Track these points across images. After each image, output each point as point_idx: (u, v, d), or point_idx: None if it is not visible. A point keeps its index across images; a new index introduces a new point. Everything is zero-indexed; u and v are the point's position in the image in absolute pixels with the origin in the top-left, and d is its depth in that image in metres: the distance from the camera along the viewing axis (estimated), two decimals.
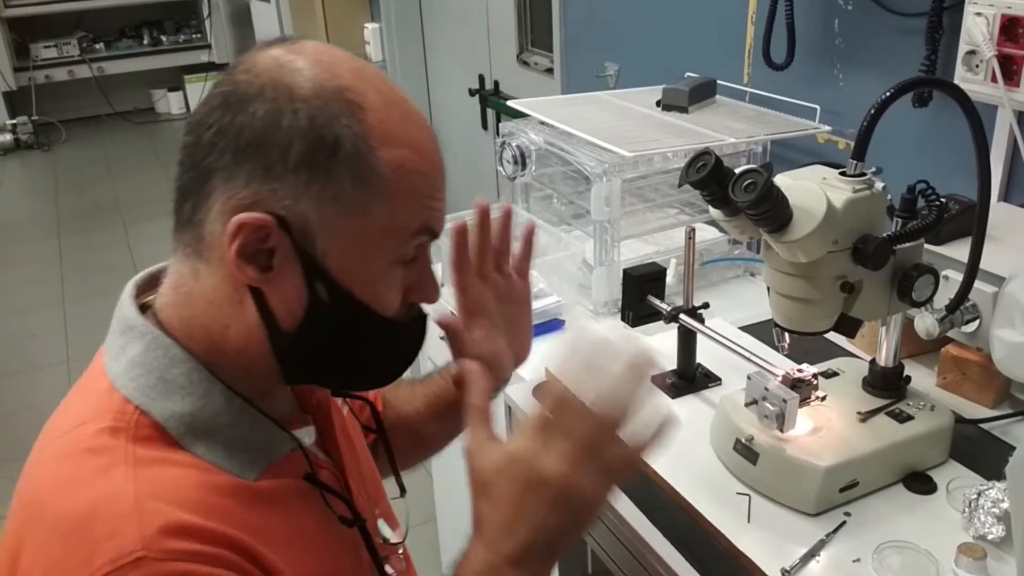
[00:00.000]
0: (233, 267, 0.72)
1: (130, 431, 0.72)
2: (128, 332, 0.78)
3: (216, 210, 0.73)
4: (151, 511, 0.67)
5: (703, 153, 1.04)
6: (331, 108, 0.71)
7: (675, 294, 1.41)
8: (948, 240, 1.29)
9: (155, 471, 0.70)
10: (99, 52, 6.74)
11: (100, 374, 0.77)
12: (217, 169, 0.72)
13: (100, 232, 4.89)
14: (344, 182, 0.71)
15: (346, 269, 0.74)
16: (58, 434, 0.75)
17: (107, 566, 0.64)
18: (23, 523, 0.71)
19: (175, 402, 0.74)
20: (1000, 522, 0.99)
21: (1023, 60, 1.36)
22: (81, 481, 0.70)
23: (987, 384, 1.27)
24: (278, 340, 0.76)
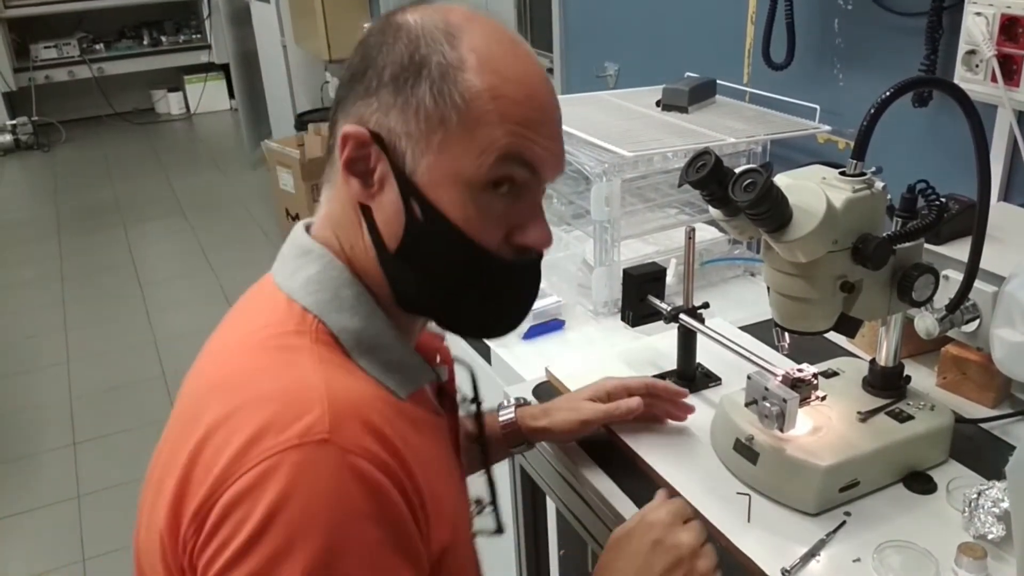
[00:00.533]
0: (343, 181, 0.82)
1: (312, 334, 0.80)
2: (306, 255, 0.85)
3: (339, 132, 0.82)
4: (339, 401, 0.74)
5: (703, 153, 1.04)
6: (428, 37, 0.80)
7: (675, 294, 1.41)
8: (948, 240, 1.28)
9: (337, 372, 0.78)
10: (99, 53, 6.76)
11: (274, 291, 0.85)
12: (345, 96, 0.83)
13: (100, 233, 4.89)
14: (425, 98, 0.79)
15: (434, 185, 0.80)
16: (243, 334, 0.83)
17: (295, 439, 0.70)
18: (210, 403, 0.77)
19: (346, 318, 0.82)
20: (1000, 522, 0.99)
21: (1023, 60, 1.36)
22: (276, 368, 0.77)
23: (987, 384, 1.27)
24: (386, 261, 0.83)
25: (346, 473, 0.71)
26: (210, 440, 0.74)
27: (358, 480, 0.71)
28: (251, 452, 0.70)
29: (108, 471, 2.90)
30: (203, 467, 0.73)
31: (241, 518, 0.69)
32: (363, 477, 0.71)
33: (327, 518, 0.70)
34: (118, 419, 3.19)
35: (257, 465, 0.70)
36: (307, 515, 0.69)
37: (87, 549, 2.56)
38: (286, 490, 0.69)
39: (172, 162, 6.06)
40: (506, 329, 0.93)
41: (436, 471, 0.83)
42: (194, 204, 5.24)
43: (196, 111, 7.13)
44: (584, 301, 1.74)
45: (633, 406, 1.19)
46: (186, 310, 4.01)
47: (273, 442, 0.70)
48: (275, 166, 4.33)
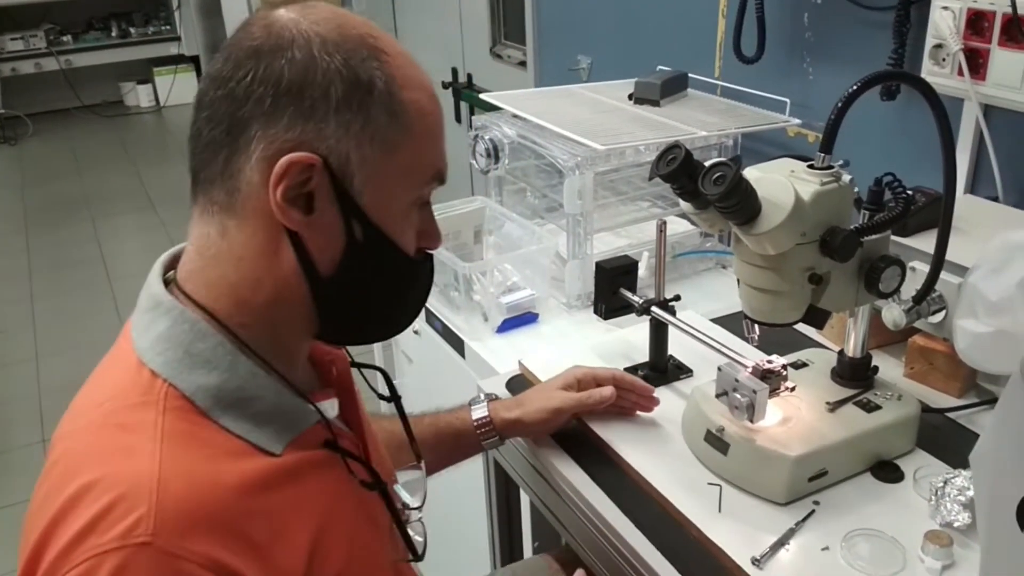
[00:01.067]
0: (277, 210, 0.75)
1: (160, 404, 0.74)
2: (155, 309, 0.79)
3: (256, 157, 0.75)
4: (171, 496, 0.68)
5: (673, 147, 1.04)
6: (360, 52, 0.76)
7: (647, 287, 1.42)
8: (915, 232, 1.30)
9: (181, 454, 0.72)
10: (67, 44, 6.65)
11: (129, 350, 0.79)
12: (256, 116, 0.74)
13: (68, 227, 4.83)
14: (380, 119, 0.76)
15: (377, 207, 0.78)
16: (90, 407, 0.78)
17: (116, 541, 0.66)
18: (51, 490, 0.73)
19: (201, 375, 0.76)
20: (966, 510, 1.01)
21: (988, 54, 1.37)
22: (110, 455, 0.72)
23: (953, 374, 1.29)
24: (316, 286, 0.79)
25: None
26: (48, 531, 0.70)
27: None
28: (76, 551, 0.67)
29: None
30: (40, 560, 0.70)
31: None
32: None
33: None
34: None
35: (80, 564, 0.66)
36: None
37: None
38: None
39: (142, 155, 5.99)
40: (408, 324, 0.94)
41: (326, 514, 0.81)
42: (164, 198, 5.18)
43: (166, 103, 7.05)
44: (557, 294, 1.75)
45: (606, 395, 1.21)
46: None
47: (96, 542, 0.66)
48: None
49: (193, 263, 0.81)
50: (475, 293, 1.68)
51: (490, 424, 1.20)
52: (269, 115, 0.74)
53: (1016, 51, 1.34)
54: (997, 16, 1.35)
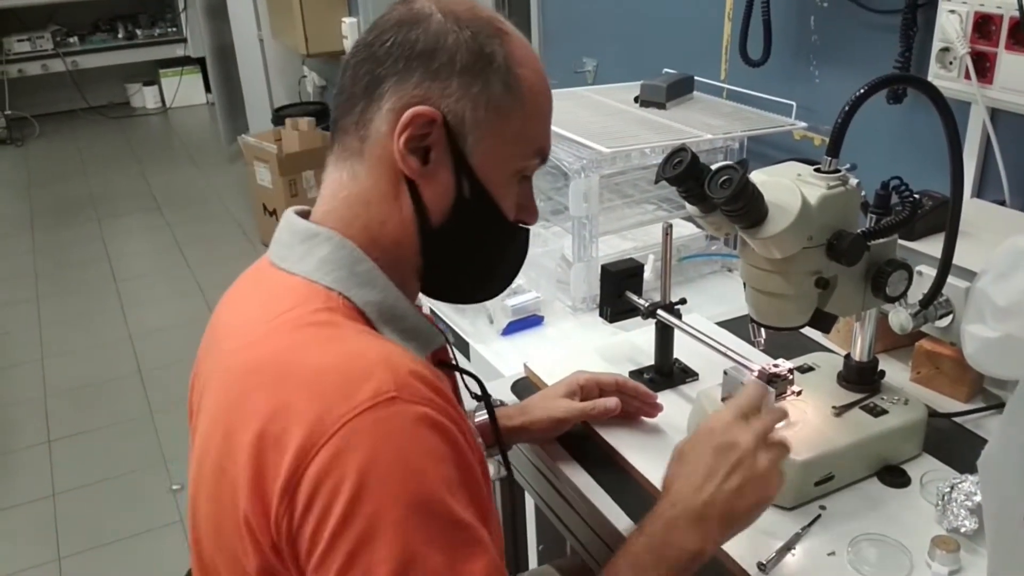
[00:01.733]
0: (399, 157, 0.85)
1: (341, 310, 0.83)
2: (312, 238, 0.88)
3: (386, 109, 0.85)
4: (396, 361, 0.77)
5: (679, 150, 1.04)
6: (487, 30, 0.87)
7: (653, 290, 1.42)
8: (921, 236, 1.30)
9: (378, 338, 0.83)
10: (73, 46, 6.66)
11: (283, 276, 0.87)
12: (391, 74, 0.85)
13: (74, 228, 4.84)
14: (496, 88, 0.86)
15: (485, 169, 0.87)
16: (267, 318, 0.83)
17: (367, 402, 0.73)
18: (256, 387, 0.78)
19: (367, 291, 0.86)
20: (973, 515, 1.00)
21: (996, 57, 1.37)
22: (320, 342, 0.80)
23: (960, 378, 1.28)
24: (427, 233, 0.88)
25: (421, 423, 0.74)
26: (275, 419, 0.75)
27: (431, 428, 0.75)
28: (326, 421, 0.73)
29: (83, 469, 2.87)
30: (277, 446, 0.74)
31: (334, 485, 0.71)
32: (435, 425, 0.75)
33: (415, 464, 0.73)
34: (93, 416, 3.16)
35: (337, 432, 0.72)
36: (397, 465, 0.72)
37: (62, 548, 2.53)
38: (372, 448, 0.72)
39: (147, 157, 6.00)
40: (502, 290, 1.03)
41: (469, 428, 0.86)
42: (170, 199, 5.19)
43: (172, 105, 7.07)
44: (562, 297, 1.74)
45: (611, 406, 1.21)
46: (162, 306, 3.98)
47: (346, 408, 0.73)
48: (252, 161, 4.30)
49: (327, 204, 0.90)
50: None
51: (499, 404, 1.22)
52: (402, 74, 0.85)
53: (1023, 55, 1.33)
54: (1004, 19, 1.34)
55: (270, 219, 4.32)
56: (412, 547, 0.72)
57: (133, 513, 2.64)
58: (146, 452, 2.93)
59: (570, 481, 1.19)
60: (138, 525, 2.59)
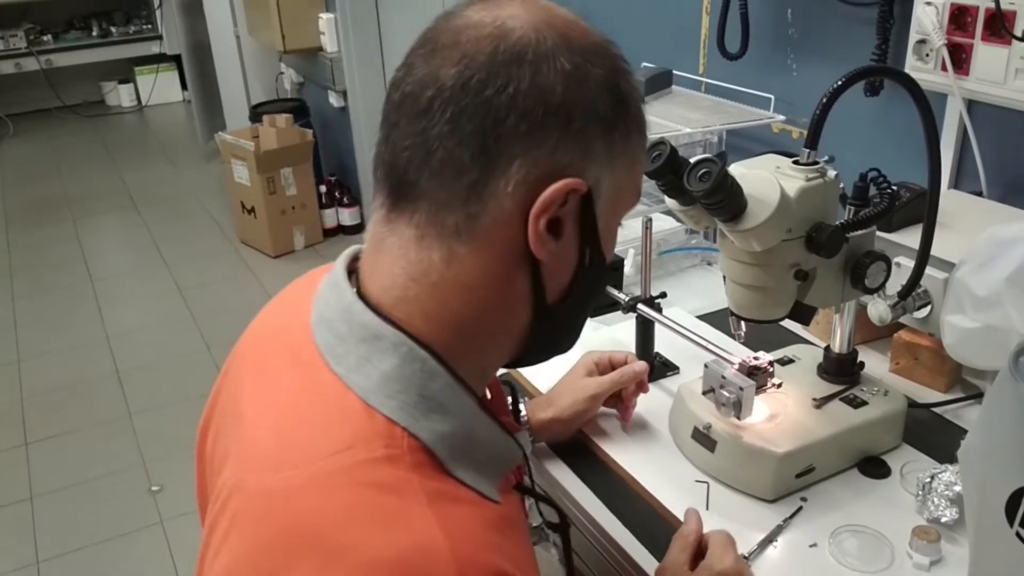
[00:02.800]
0: (533, 238, 0.65)
1: (407, 459, 0.64)
2: (375, 341, 0.67)
3: (515, 181, 0.64)
4: (470, 560, 0.60)
5: (658, 143, 1.04)
6: (609, 61, 0.68)
7: (633, 284, 1.41)
8: (899, 227, 1.30)
9: (449, 509, 0.63)
10: (47, 44, 6.59)
11: (337, 388, 0.67)
12: (519, 136, 0.63)
13: (49, 228, 4.78)
14: (636, 140, 0.69)
15: (606, 230, 0.71)
16: (313, 451, 0.64)
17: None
18: (290, 557, 0.61)
19: (437, 421, 0.66)
20: (953, 505, 1.01)
21: (972, 49, 1.38)
22: (379, 521, 0.61)
23: (939, 369, 1.29)
24: (540, 314, 0.70)
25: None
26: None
27: None
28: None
29: (61, 471, 2.84)
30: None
31: None
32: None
33: None
34: (71, 418, 3.12)
35: None
36: None
37: (41, 551, 2.50)
38: None
39: (123, 155, 5.94)
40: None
41: (533, 564, 0.73)
42: (146, 198, 5.14)
43: (147, 103, 7.00)
44: None
45: (638, 369, 1.20)
46: (139, 305, 3.94)
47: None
48: (229, 158, 4.27)
49: (406, 290, 0.68)
50: None
51: (527, 426, 1.17)
52: (533, 135, 0.64)
53: (999, 46, 1.34)
54: (980, 11, 1.35)
55: (248, 217, 4.29)
56: None
57: (112, 515, 2.62)
58: (125, 453, 2.90)
59: (550, 475, 1.18)
60: (117, 527, 2.56)
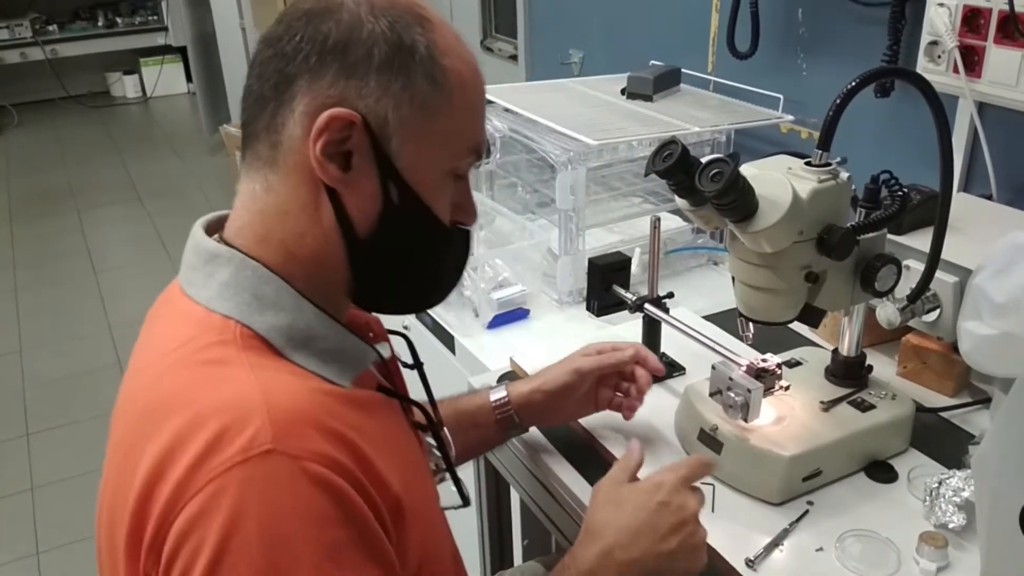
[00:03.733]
0: (316, 165, 0.77)
1: (238, 343, 0.76)
2: (213, 260, 0.80)
3: (299, 111, 0.77)
4: (279, 407, 0.70)
5: (670, 142, 1.03)
6: (406, 18, 0.78)
7: (640, 283, 1.40)
8: (909, 230, 1.29)
9: (273, 376, 0.74)
10: (52, 34, 6.58)
11: (187, 303, 0.80)
12: (302, 72, 0.77)
13: (53, 219, 4.78)
14: (421, 83, 0.78)
15: (414, 171, 0.80)
16: (164, 352, 0.78)
17: (238, 456, 0.67)
18: (146, 430, 0.73)
19: (271, 316, 0.78)
20: (961, 511, 1.00)
21: (984, 51, 1.37)
22: (207, 383, 0.73)
23: (947, 373, 1.28)
24: (353, 245, 0.80)
25: (298, 480, 0.68)
26: (156, 469, 0.70)
27: (313, 484, 0.69)
28: (196, 475, 0.67)
29: (62, 462, 2.84)
30: (149, 501, 0.70)
31: (196, 546, 0.66)
32: (317, 480, 0.69)
33: (285, 529, 0.67)
34: (72, 409, 3.12)
35: (204, 488, 0.67)
36: (264, 530, 0.66)
37: (41, 542, 2.50)
38: (237, 509, 0.66)
39: (128, 146, 5.94)
40: (444, 297, 0.94)
41: (394, 451, 0.81)
42: (150, 189, 5.14)
43: (152, 94, 7.00)
44: (549, 290, 1.73)
45: (627, 355, 1.16)
46: (142, 297, 3.89)
47: (217, 461, 0.67)
48: (233, 151, 4.26)
49: (241, 219, 0.82)
50: (466, 289, 1.66)
51: (507, 401, 1.16)
52: (314, 71, 0.76)
53: (1012, 49, 1.33)
54: (993, 13, 1.34)
55: None
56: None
57: None
58: None
59: (555, 474, 1.18)
60: None
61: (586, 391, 1.17)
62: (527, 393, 1.16)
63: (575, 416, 1.21)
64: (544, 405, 1.17)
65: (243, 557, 0.66)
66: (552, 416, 1.20)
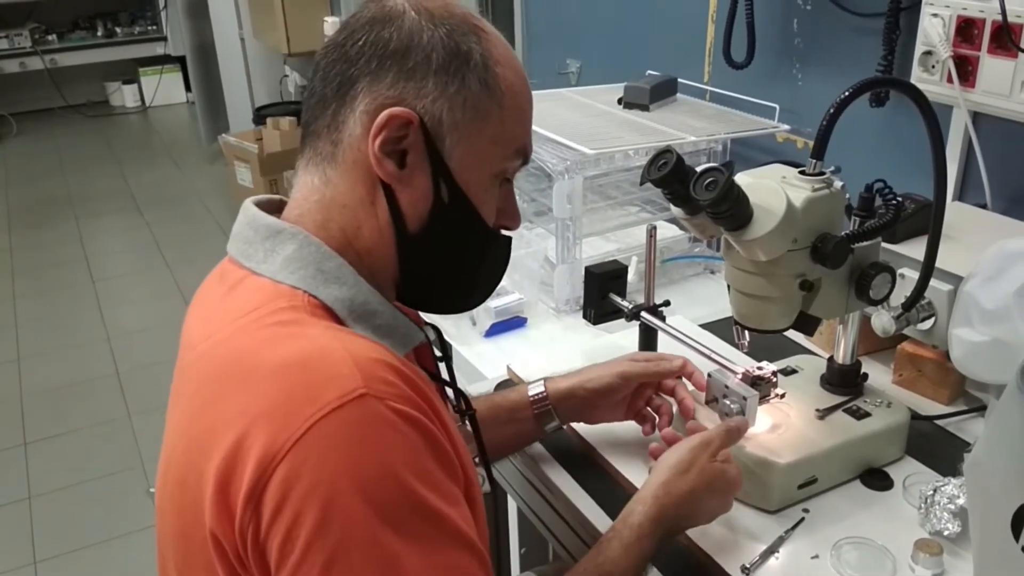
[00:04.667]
0: (374, 161, 0.82)
1: (306, 308, 0.80)
2: (276, 236, 0.85)
3: (360, 111, 0.82)
4: (362, 357, 0.74)
5: (664, 151, 1.04)
6: (463, 27, 0.84)
7: (636, 292, 1.41)
8: (904, 239, 1.30)
9: (343, 334, 0.79)
10: (52, 44, 6.59)
11: (247, 276, 0.84)
12: (363, 74, 0.82)
13: (52, 227, 4.79)
14: (474, 87, 0.83)
15: (464, 172, 0.85)
16: (232, 319, 0.81)
17: (334, 402, 0.71)
18: (226, 387, 0.76)
19: (335, 288, 0.82)
20: (956, 518, 1.00)
21: (978, 61, 1.38)
22: (285, 339, 0.76)
23: (942, 381, 1.29)
24: (404, 240, 0.85)
25: (392, 419, 0.72)
26: (236, 425, 0.72)
27: (405, 422, 0.73)
28: (292, 424, 0.70)
29: (60, 472, 2.83)
30: (239, 453, 0.71)
31: (305, 492, 0.69)
32: (408, 418, 0.73)
33: (389, 466, 0.71)
34: (70, 418, 3.12)
35: (304, 435, 0.70)
36: (370, 470, 0.70)
37: (38, 551, 2.50)
38: (342, 453, 0.70)
39: (127, 156, 5.94)
40: (483, 300, 1.00)
41: (448, 421, 0.84)
42: (149, 199, 5.15)
43: (151, 104, 7.01)
44: (546, 299, 1.74)
45: (676, 365, 1.17)
46: (140, 307, 3.94)
47: (313, 409, 0.70)
48: (232, 160, 4.27)
49: (300, 208, 0.87)
50: None
51: (545, 396, 1.17)
52: (375, 74, 0.82)
53: (1005, 59, 1.34)
54: (987, 24, 1.35)
55: None
56: (391, 549, 0.70)
57: (110, 516, 2.61)
58: (124, 454, 2.90)
59: (552, 483, 1.18)
60: (115, 529, 2.56)
61: (624, 396, 1.18)
62: (567, 389, 1.17)
63: (607, 419, 1.20)
64: (584, 401, 1.17)
65: (356, 494, 0.69)
66: (589, 414, 1.20)
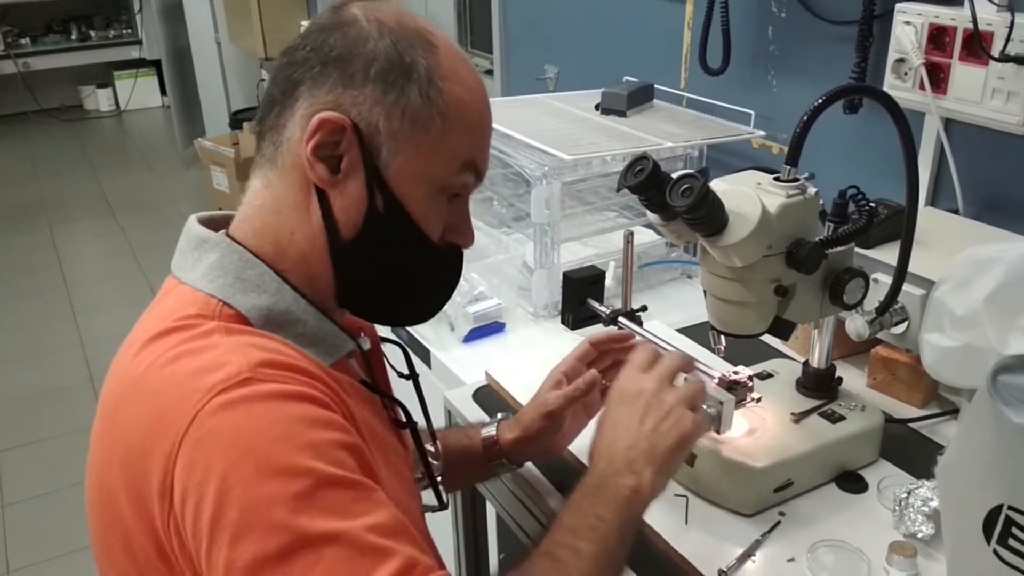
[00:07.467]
0: (307, 164, 0.82)
1: (216, 316, 0.81)
2: (201, 245, 0.86)
3: (299, 114, 0.82)
4: (252, 352, 0.76)
5: (641, 158, 1.04)
6: (411, 39, 0.83)
7: (614, 297, 1.42)
8: (877, 244, 1.31)
9: (245, 339, 0.79)
10: (25, 47, 6.54)
11: (175, 285, 0.86)
12: (306, 79, 0.82)
13: (25, 233, 4.74)
14: (414, 98, 0.82)
15: (402, 182, 0.84)
16: (148, 329, 0.82)
17: (218, 386, 0.72)
18: (129, 398, 0.79)
19: (252, 297, 0.83)
20: (930, 520, 1.01)
21: (950, 68, 1.40)
22: (192, 352, 0.77)
23: (916, 384, 1.30)
24: (337, 248, 0.84)
25: (277, 396, 0.73)
26: (141, 429, 0.75)
27: (292, 398, 0.74)
28: (183, 415, 0.72)
29: (34, 480, 2.81)
30: (145, 453, 0.73)
31: (202, 477, 0.70)
32: (296, 395, 0.74)
33: (276, 436, 0.71)
34: (44, 425, 3.09)
35: (193, 421, 0.71)
36: (258, 444, 0.71)
37: (11, 561, 2.47)
38: (227, 433, 0.71)
39: (101, 160, 5.90)
40: (431, 315, 0.98)
41: (370, 436, 0.83)
42: (124, 204, 5.11)
43: (126, 108, 6.96)
44: (524, 304, 1.74)
45: (589, 380, 1.12)
46: (114, 312, 3.90)
47: (198, 397, 0.72)
48: (209, 165, 4.25)
49: (242, 213, 0.88)
50: None
51: (496, 444, 1.15)
52: (315, 79, 0.82)
53: (976, 66, 1.36)
54: (958, 32, 1.37)
55: None
56: (293, 520, 0.69)
57: (84, 525, 2.58)
58: None
59: (530, 487, 1.18)
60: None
61: (566, 419, 1.14)
62: (514, 441, 1.15)
63: (574, 436, 1.17)
64: (537, 448, 1.16)
65: (247, 470, 0.70)
66: (550, 450, 1.17)
